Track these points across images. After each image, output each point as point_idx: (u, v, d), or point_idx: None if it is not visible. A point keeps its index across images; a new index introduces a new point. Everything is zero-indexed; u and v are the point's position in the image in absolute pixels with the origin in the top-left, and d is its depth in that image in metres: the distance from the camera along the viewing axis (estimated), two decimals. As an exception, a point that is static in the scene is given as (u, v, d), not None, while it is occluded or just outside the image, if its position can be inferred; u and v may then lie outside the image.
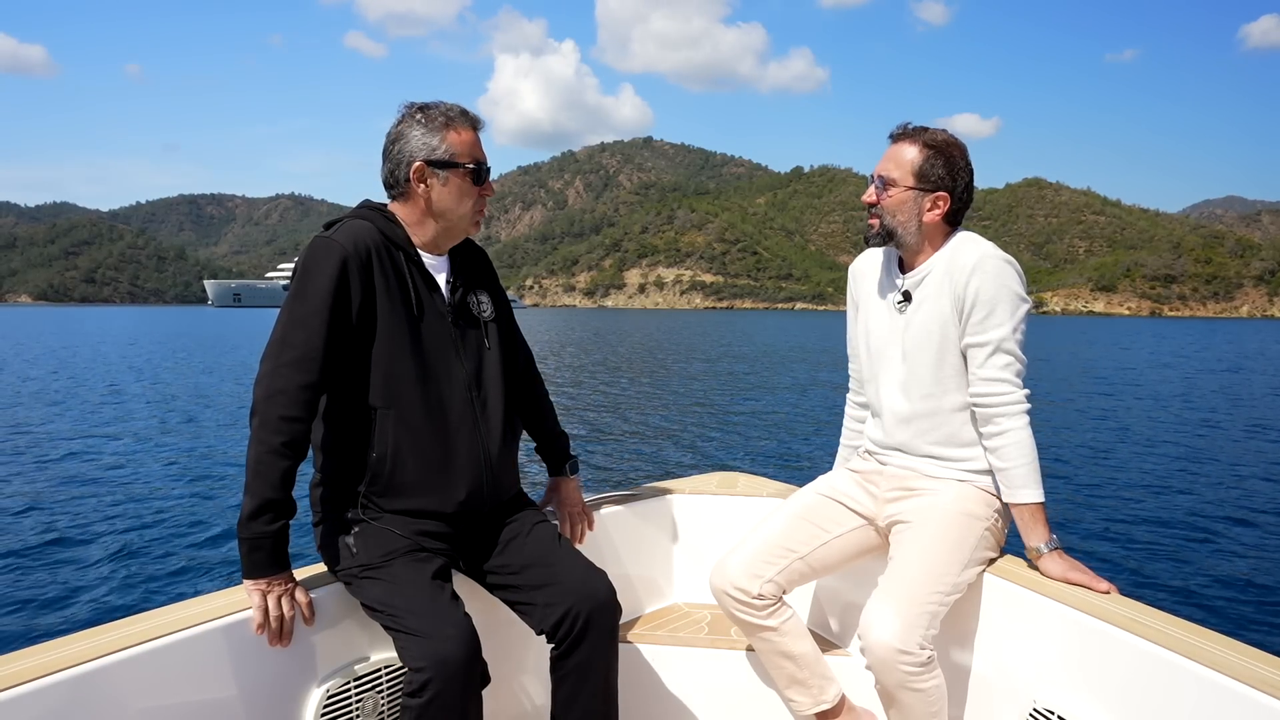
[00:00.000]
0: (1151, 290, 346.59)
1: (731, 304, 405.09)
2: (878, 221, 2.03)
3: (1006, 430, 1.91)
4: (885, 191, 2.00)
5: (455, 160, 1.81)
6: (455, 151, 1.81)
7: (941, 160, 1.99)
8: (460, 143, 1.82)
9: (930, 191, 1.98)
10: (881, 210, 2.02)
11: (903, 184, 1.99)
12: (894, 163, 2.01)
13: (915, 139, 2.01)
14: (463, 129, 1.83)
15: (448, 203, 1.84)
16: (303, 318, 1.68)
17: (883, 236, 2.04)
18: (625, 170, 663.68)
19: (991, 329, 1.92)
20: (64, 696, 1.37)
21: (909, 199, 1.99)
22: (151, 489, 8.98)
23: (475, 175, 1.84)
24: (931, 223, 2.01)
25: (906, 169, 1.99)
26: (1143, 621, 1.61)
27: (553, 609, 1.82)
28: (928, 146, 1.99)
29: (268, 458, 1.63)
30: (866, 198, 2.05)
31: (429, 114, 1.82)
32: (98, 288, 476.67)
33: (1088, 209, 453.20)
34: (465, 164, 1.82)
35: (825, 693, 2.05)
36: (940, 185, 1.99)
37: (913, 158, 1.99)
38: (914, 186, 1.98)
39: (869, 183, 2.06)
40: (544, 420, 2.20)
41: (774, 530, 2.10)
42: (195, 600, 1.69)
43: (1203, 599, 5.89)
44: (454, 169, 1.82)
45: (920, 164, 1.98)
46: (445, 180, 1.82)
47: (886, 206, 2.01)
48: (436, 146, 1.80)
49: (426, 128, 1.81)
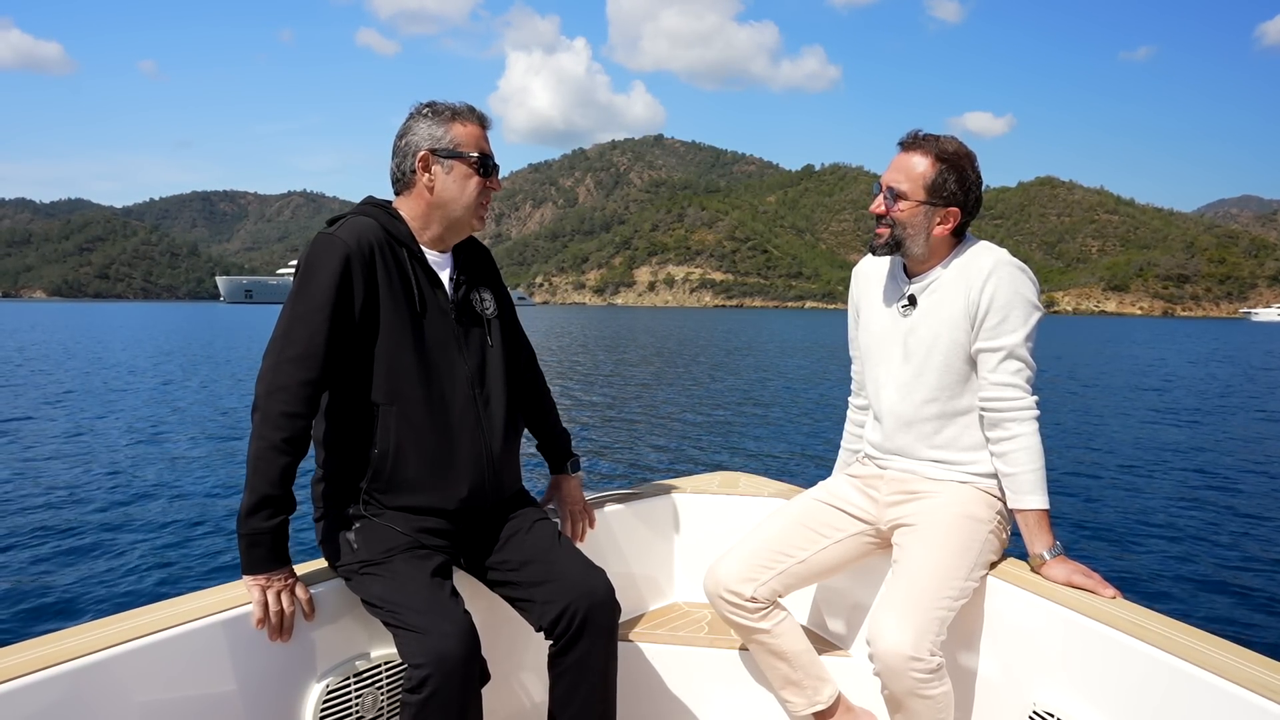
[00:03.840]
0: (1164, 290, 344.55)
1: (741, 302, 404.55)
2: (886, 232, 1.99)
3: (1016, 435, 1.90)
4: (895, 204, 1.96)
5: (460, 150, 1.82)
6: (461, 142, 1.82)
7: (954, 175, 1.94)
8: (466, 134, 1.83)
9: (942, 207, 1.95)
10: (891, 221, 1.97)
11: (914, 198, 1.94)
12: (904, 174, 1.95)
13: (926, 149, 1.95)
14: (469, 122, 1.85)
15: (451, 191, 1.83)
16: (305, 314, 1.68)
17: (890, 247, 2.00)
18: (636, 168, 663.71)
19: (1005, 335, 1.90)
20: (65, 689, 1.37)
21: (919, 213, 1.95)
22: (153, 482, 8.93)
23: (480, 166, 1.84)
24: (940, 236, 1.98)
25: (918, 182, 1.94)
26: (1146, 626, 1.59)
27: (551, 606, 1.82)
28: (940, 159, 1.94)
29: (268, 453, 1.63)
30: (875, 208, 2.00)
31: (436, 109, 1.85)
32: (111, 284, 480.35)
33: (1101, 208, 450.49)
34: (470, 154, 1.83)
35: (820, 694, 2.05)
36: (952, 200, 1.94)
37: (924, 170, 1.94)
38: (925, 201, 1.94)
39: (876, 191, 2.02)
40: (546, 418, 2.21)
41: (770, 534, 2.10)
42: (196, 594, 1.68)
43: (1208, 604, 5.81)
44: (459, 158, 1.82)
45: (933, 178, 1.93)
46: (450, 169, 1.82)
47: (896, 219, 1.96)
48: (442, 137, 1.82)
49: (433, 121, 1.83)
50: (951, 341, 1.96)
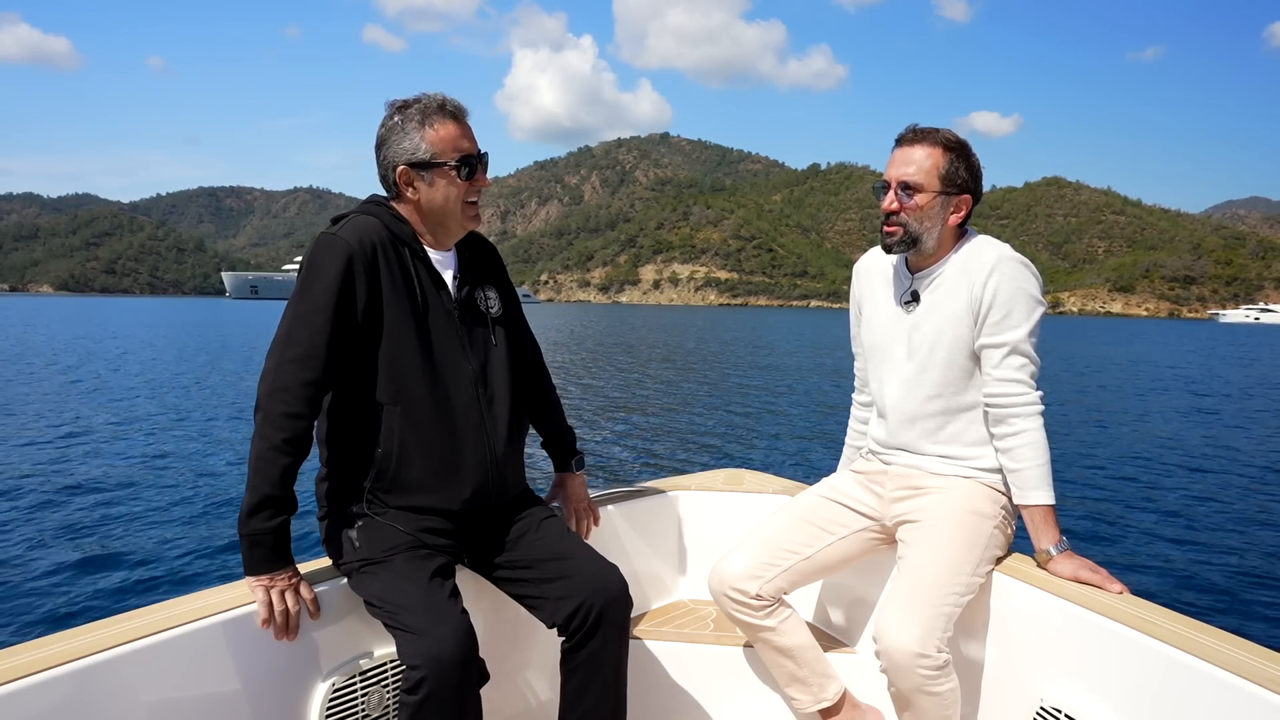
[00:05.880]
0: (1170, 291, 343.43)
1: (746, 301, 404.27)
2: (900, 230, 1.96)
3: (1021, 431, 1.89)
4: (910, 198, 1.94)
5: (437, 159, 1.76)
6: (436, 150, 1.76)
7: (963, 162, 1.95)
8: (440, 139, 1.76)
9: (956, 194, 1.95)
10: (905, 218, 1.95)
11: (929, 189, 1.93)
12: (915, 167, 1.94)
13: (932, 141, 1.95)
14: (441, 124, 1.77)
15: (437, 202, 1.80)
16: (307, 314, 1.67)
17: (906, 243, 1.97)
18: (642, 166, 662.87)
19: (1008, 330, 1.90)
20: (70, 689, 1.37)
21: (936, 204, 1.94)
22: (156, 478, 8.96)
23: (460, 170, 1.78)
24: (953, 226, 1.97)
25: (931, 173, 1.93)
26: (1153, 621, 1.59)
27: (565, 602, 1.82)
28: (948, 149, 1.94)
29: (269, 454, 1.63)
30: (888, 205, 1.97)
31: (406, 114, 1.78)
32: (118, 278, 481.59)
33: (1107, 209, 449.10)
34: (448, 161, 1.77)
35: (826, 690, 2.05)
36: (965, 188, 1.95)
37: (936, 161, 1.93)
38: (940, 191, 1.93)
39: (882, 190, 2.00)
40: (551, 416, 2.20)
41: (774, 532, 2.09)
42: (201, 593, 1.68)
43: (1216, 599, 5.78)
44: (438, 168, 1.77)
45: (945, 168, 1.94)
46: (431, 181, 1.78)
47: (912, 213, 1.95)
48: (416, 148, 1.76)
49: (404, 129, 1.77)
50: (955, 337, 1.96)
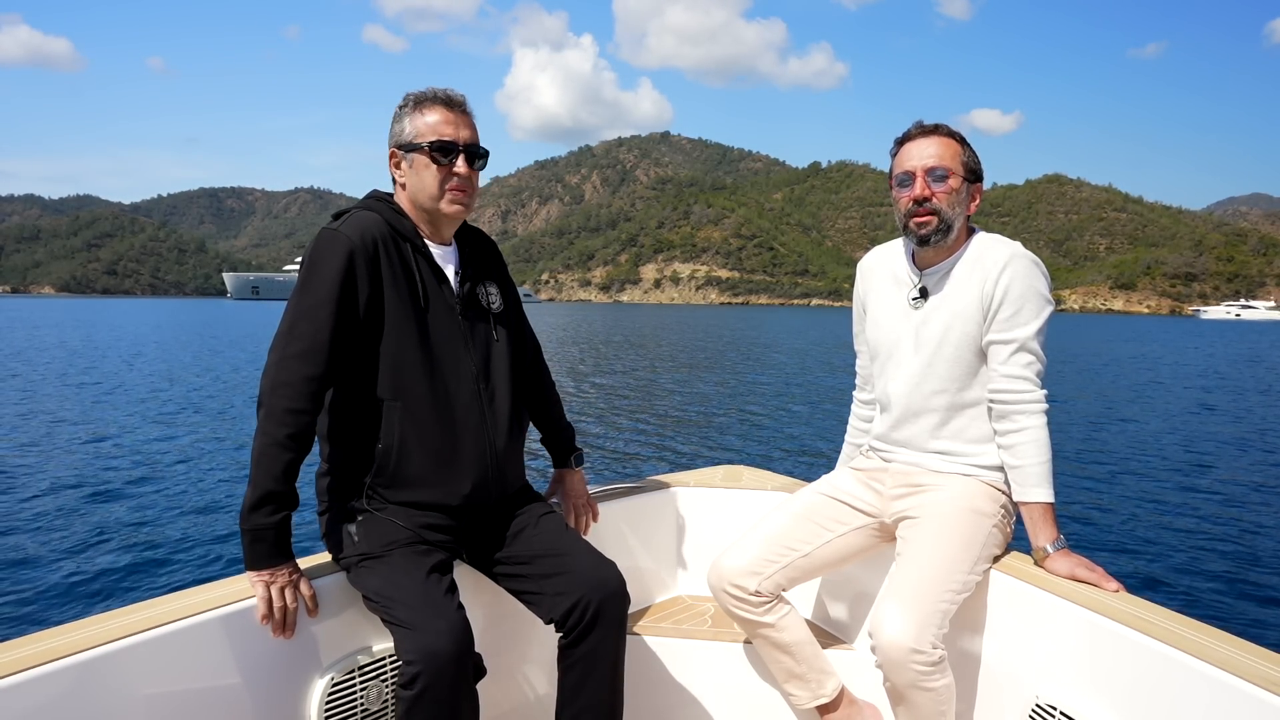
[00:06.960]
0: (1171, 288, 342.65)
1: (747, 300, 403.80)
2: (934, 218, 1.93)
3: (1024, 428, 1.89)
4: (940, 183, 1.92)
5: (416, 142, 1.81)
6: (418, 132, 1.81)
7: (973, 154, 1.97)
8: (424, 123, 1.82)
9: (974, 183, 1.98)
10: (938, 204, 1.92)
11: (956, 173, 1.93)
12: (939, 154, 1.93)
13: (945, 132, 1.96)
14: (429, 109, 1.82)
15: (415, 184, 1.83)
16: (309, 310, 1.68)
17: (942, 231, 1.94)
18: (642, 165, 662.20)
19: (1017, 327, 1.90)
20: (68, 682, 1.37)
21: (962, 191, 1.95)
22: (157, 474, 9.01)
23: (435, 154, 1.80)
24: (969, 215, 1.98)
25: (955, 159, 1.94)
26: (1149, 619, 1.59)
27: (563, 598, 1.83)
28: (960, 140, 1.96)
29: (271, 450, 1.63)
30: (919, 192, 1.93)
31: (405, 102, 1.85)
32: (119, 280, 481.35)
33: (1109, 206, 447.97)
34: (426, 143, 1.80)
35: (824, 687, 2.05)
36: (980, 178, 1.98)
37: (955, 150, 1.95)
38: (965, 177, 1.95)
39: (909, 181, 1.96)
40: (550, 412, 2.21)
41: (774, 528, 2.09)
42: (201, 588, 1.68)
43: (1211, 598, 5.82)
44: (417, 150, 1.81)
45: (965, 157, 1.95)
46: (412, 162, 1.83)
47: (944, 198, 1.92)
48: (403, 131, 1.83)
49: (401, 114, 1.84)
50: (963, 333, 1.96)
